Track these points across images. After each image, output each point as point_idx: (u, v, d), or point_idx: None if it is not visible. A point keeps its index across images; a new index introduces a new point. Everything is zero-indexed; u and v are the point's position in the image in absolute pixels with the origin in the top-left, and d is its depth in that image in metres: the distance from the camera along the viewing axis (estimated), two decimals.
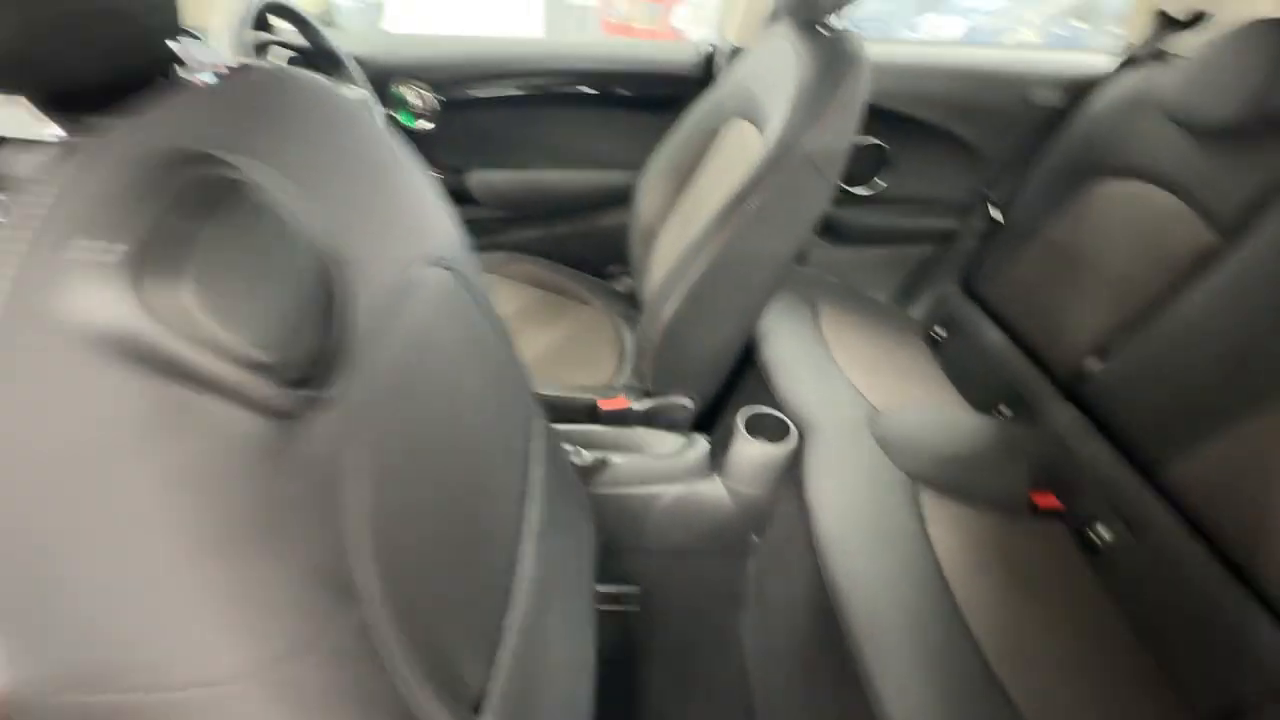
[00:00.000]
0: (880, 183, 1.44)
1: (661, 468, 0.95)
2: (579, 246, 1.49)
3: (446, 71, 1.31)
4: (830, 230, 1.50)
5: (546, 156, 1.43)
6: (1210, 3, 1.14)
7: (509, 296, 1.30)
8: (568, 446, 0.96)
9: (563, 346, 1.21)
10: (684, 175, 1.18)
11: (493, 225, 1.48)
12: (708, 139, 1.15)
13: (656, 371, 1.03)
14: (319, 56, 1.11)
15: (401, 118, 1.32)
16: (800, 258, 1.51)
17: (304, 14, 1.06)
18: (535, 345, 1.19)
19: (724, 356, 1.07)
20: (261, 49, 1.01)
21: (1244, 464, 0.75)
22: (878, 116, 1.28)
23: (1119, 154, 1.05)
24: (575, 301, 1.34)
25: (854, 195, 1.46)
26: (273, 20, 1.06)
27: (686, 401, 1.05)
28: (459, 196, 1.44)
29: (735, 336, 1.06)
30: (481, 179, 1.41)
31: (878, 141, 1.40)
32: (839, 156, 0.88)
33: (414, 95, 1.30)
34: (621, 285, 1.43)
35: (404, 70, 1.28)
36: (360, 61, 1.19)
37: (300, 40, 1.09)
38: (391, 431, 0.36)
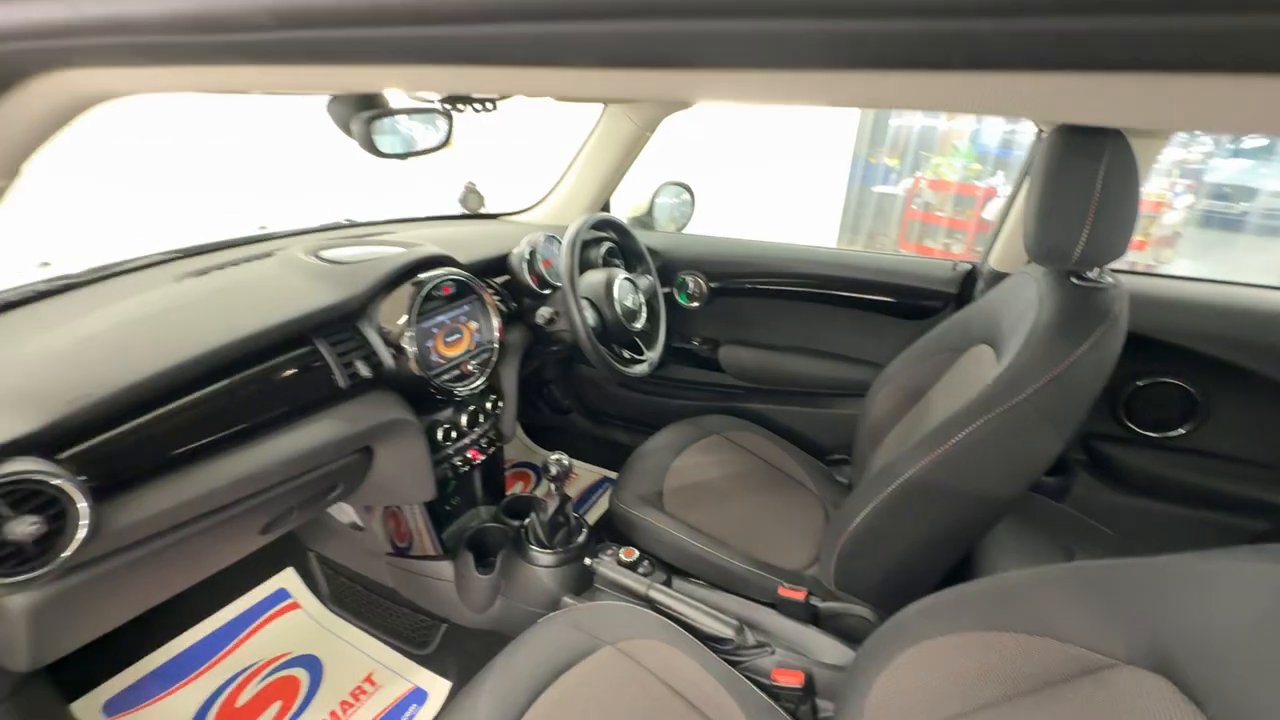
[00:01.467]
0: (1182, 430, 1.22)
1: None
2: (808, 429, 1.55)
3: (719, 266, 1.58)
4: (1111, 473, 1.29)
5: (793, 342, 1.57)
6: None
7: (729, 460, 1.41)
8: (727, 618, 0.99)
9: (765, 521, 1.25)
10: (920, 386, 1.19)
11: (733, 393, 1.64)
12: (950, 357, 1.15)
13: (837, 574, 1.01)
14: (627, 251, 1.47)
15: (679, 298, 1.61)
16: (1063, 491, 1.32)
17: (620, 221, 1.43)
18: (739, 513, 1.25)
19: (912, 579, 1.00)
20: (588, 245, 1.39)
21: None
22: (1194, 359, 1.13)
23: None
24: (791, 480, 1.38)
25: (1149, 439, 1.25)
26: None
27: (867, 613, 1.00)
28: (709, 363, 1.66)
29: (927, 561, 0.98)
30: (731, 353, 1.61)
31: (1183, 384, 1.21)
32: (1072, 410, 0.82)
33: (693, 281, 1.59)
34: (842, 475, 1.43)
35: (687, 262, 1.59)
36: (655, 253, 1.52)
37: (611, 236, 1.47)
38: None
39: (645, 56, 0.22)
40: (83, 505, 0.62)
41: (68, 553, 0.61)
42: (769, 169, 5.20)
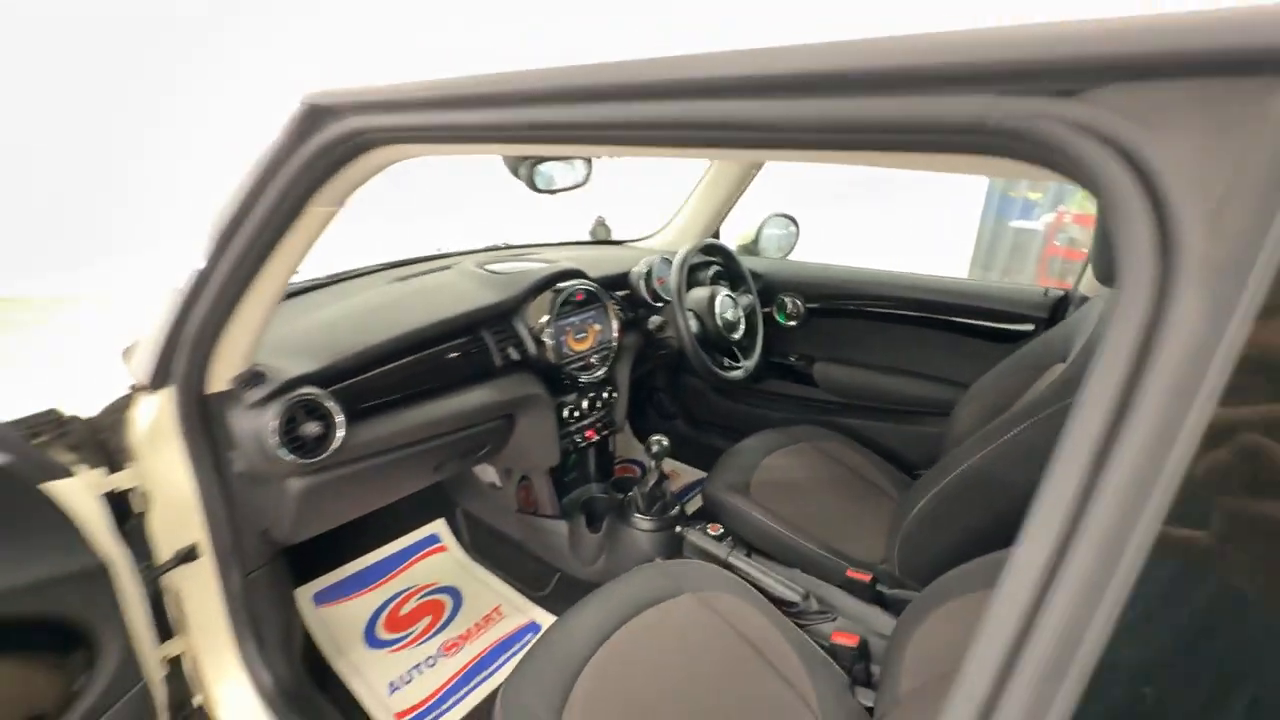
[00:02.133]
0: None
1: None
2: (896, 444, 1.63)
3: (816, 288, 1.73)
4: None
5: (885, 361, 1.67)
6: None
7: (816, 464, 1.52)
8: (795, 586, 1.13)
9: (843, 518, 1.34)
10: (1002, 403, 1.24)
11: (826, 407, 1.76)
12: (1032, 375, 1.21)
13: (900, 558, 1.11)
14: (732, 273, 1.68)
15: (778, 317, 1.78)
16: None
17: (726, 247, 1.65)
18: (820, 508, 1.35)
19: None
20: (695, 269, 1.61)
21: None
22: None
23: None
24: (873, 486, 1.47)
25: None
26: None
27: None
28: (804, 379, 1.80)
29: (982, 551, 1.06)
30: (824, 369, 1.74)
31: None
32: None
33: (791, 302, 1.76)
34: None
35: (786, 284, 1.76)
36: (757, 276, 1.71)
37: (718, 260, 1.68)
38: None
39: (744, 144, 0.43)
40: (340, 419, 0.93)
41: (334, 446, 0.92)
42: (896, 201, 5.13)
